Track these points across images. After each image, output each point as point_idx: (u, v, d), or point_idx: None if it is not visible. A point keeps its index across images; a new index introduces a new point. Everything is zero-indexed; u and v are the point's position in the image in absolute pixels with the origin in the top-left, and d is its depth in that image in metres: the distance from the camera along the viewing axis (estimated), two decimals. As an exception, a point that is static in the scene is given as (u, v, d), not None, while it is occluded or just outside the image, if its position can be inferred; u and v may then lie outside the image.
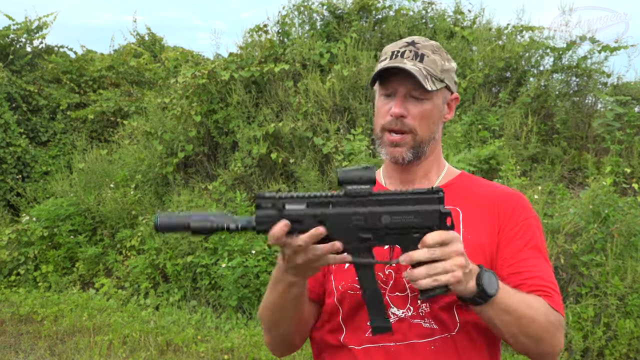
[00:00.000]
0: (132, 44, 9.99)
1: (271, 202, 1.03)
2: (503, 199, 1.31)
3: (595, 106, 5.66)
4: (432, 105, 1.28)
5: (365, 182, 1.02)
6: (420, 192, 1.04)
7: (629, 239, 3.75)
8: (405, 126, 1.27)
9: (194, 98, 6.05)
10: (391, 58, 1.27)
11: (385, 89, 1.29)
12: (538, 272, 1.23)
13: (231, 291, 4.62)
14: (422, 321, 1.22)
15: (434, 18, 6.53)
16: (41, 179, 7.62)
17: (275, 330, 1.30)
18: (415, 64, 1.24)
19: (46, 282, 5.76)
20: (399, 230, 1.04)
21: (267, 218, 1.03)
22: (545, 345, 1.15)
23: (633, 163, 4.77)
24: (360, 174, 1.02)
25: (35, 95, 8.21)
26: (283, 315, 1.24)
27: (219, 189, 5.61)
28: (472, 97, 5.48)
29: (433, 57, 1.27)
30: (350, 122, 5.62)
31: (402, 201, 1.04)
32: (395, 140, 1.28)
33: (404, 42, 1.30)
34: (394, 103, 1.27)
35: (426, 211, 1.03)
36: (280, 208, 1.03)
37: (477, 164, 4.43)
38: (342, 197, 1.03)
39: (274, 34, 6.60)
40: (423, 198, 1.03)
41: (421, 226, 1.04)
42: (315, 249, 1.03)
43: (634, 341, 3.44)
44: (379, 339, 1.22)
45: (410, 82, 1.25)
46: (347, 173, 1.02)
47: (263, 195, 1.04)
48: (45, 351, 4.42)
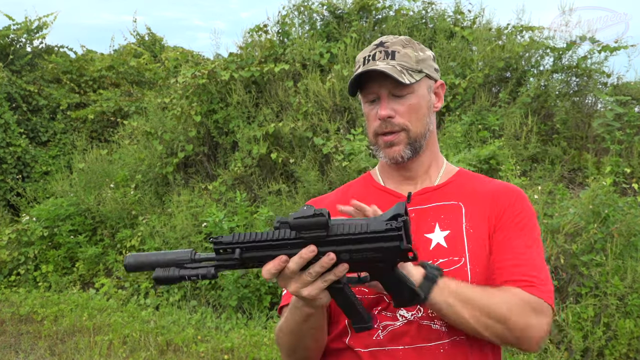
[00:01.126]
0: (132, 44, 10.00)
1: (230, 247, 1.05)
2: (502, 192, 1.32)
3: (595, 106, 5.66)
4: (416, 98, 1.27)
5: (318, 228, 1.01)
6: (379, 231, 1.02)
7: (629, 239, 3.75)
8: (395, 126, 1.27)
9: (194, 98, 6.05)
10: (364, 64, 1.28)
11: (367, 96, 1.30)
12: (524, 261, 1.21)
13: (231, 291, 4.63)
14: (432, 323, 1.21)
15: (434, 18, 6.53)
16: (41, 179, 7.63)
17: (293, 356, 1.29)
18: (387, 63, 1.24)
19: (46, 282, 5.76)
20: (361, 263, 1.04)
21: (227, 264, 1.05)
22: (516, 328, 1.14)
23: (633, 163, 4.77)
24: (312, 221, 1.00)
25: (35, 95, 8.21)
26: (301, 342, 1.23)
27: (219, 189, 5.61)
28: (472, 97, 5.48)
29: (404, 51, 1.27)
30: (350, 122, 5.62)
31: (360, 240, 1.02)
32: (389, 140, 1.28)
33: (373, 45, 1.30)
34: (379, 106, 1.27)
35: (385, 248, 1.02)
36: (239, 254, 1.04)
37: (477, 164, 4.43)
38: (299, 239, 1.03)
39: (274, 34, 6.60)
40: (381, 236, 1.02)
41: (383, 260, 1.04)
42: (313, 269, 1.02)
43: (634, 341, 3.44)
44: (386, 343, 1.21)
45: (388, 82, 1.24)
46: (298, 222, 1.01)
47: (221, 241, 1.05)
48: (45, 351, 4.42)
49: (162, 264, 1.07)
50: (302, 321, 1.16)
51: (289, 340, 1.24)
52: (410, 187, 1.35)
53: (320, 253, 1.02)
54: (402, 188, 1.35)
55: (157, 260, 1.07)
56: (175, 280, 1.06)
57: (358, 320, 1.11)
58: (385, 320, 1.23)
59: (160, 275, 1.06)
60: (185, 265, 1.06)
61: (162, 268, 1.07)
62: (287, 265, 1.02)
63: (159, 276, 1.06)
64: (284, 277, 1.04)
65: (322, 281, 1.03)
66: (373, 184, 1.41)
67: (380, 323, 1.23)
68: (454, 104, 5.43)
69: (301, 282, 1.03)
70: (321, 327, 1.20)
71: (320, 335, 1.22)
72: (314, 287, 1.03)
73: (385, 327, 1.23)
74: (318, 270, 1.02)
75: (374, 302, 1.24)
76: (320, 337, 1.23)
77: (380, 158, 1.33)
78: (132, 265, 1.08)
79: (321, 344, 1.26)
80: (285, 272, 1.03)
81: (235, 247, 1.04)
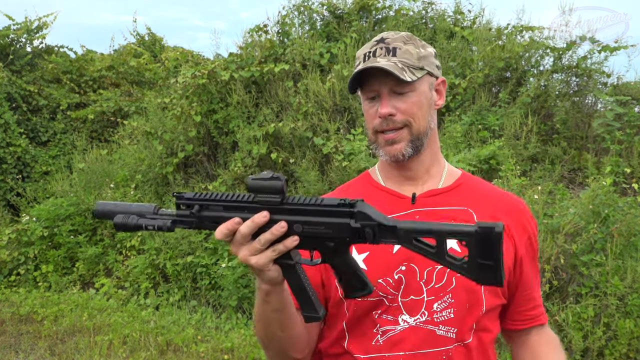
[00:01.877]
0: (132, 44, 10.00)
1: (190, 203, 1.08)
2: (522, 212, 1.34)
3: (595, 106, 5.66)
4: (418, 95, 1.24)
5: (273, 192, 1.02)
6: (332, 205, 1.03)
7: (629, 239, 3.75)
8: (397, 123, 1.23)
9: (194, 98, 6.05)
10: (364, 60, 1.24)
11: (367, 93, 1.26)
12: (538, 295, 1.38)
13: (231, 291, 4.62)
14: (437, 328, 1.18)
15: (434, 18, 6.53)
16: (41, 179, 7.62)
17: (269, 347, 1.23)
18: (389, 60, 1.21)
19: (46, 282, 5.76)
20: (312, 239, 1.04)
21: (184, 220, 1.08)
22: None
23: (633, 163, 4.77)
24: (268, 184, 1.02)
25: (35, 95, 8.21)
26: (269, 330, 1.18)
27: (219, 189, 5.61)
28: (472, 97, 5.48)
29: (406, 47, 1.24)
30: (350, 122, 5.62)
31: (313, 212, 1.03)
32: (391, 137, 1.25)
33: (374, 42, 1.27)
34: (380, 104, 1.24)
35: (336, 224, 1.03)
36: (197, 211, 1.06)
37: (477, 164, 4.42)
38: (255, 203, 1.04)
39: (274, 34, 6.60)
40: (333, 211, 1.02)
41: (333, 237, 1.04)
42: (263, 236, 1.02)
43: (634, 341, 3.44)
44: (386, 348, 1.18)
45: (389, 79, 1.21)
46: (255, 182, 1.03)
47: (182, 196, 1.08)
48: (45, 351, 4.42)
49: (125, 212, 1.11)
50: (262, 302, 1.13)
51: (260, 328, 1.21)
52: (412, 188, 1.31)
53: (273, 221, 1.02)
54: (403, 188, 1.32)
55: (122, 209, 1.11)
56: (133, 228, 1.09)
57: (308, 308, 1.10)
58: (385, 325, 1.20)
59: (119, 221, 1.09)
60: (146, 216, 1.10)
61: (123, 215, 1.10)
62: (239, 229, 1.02)
63: (118, 222, 1.09)
64: (235, 242, 1.03)
65: (272, 250, 1.02)
66: (373, 183, 1.37)
67: (380, 327, 1.20)
68: (454, 104, 5.43)
69: (251, 249, 1.02)
70: (284, 312, 1.14)
71: (288, 322, 1.16)
72: (263, 255, 1.02)
73: (385, 332, 1.20)
74: (268, 237, 1.01)
75: (373, 305, 1.21)
76: (288, 325, 1.17)
77: (380, 156, 1.30)
78: (99, 211, 1.12)
79: (293, 335, 1.19)
80: (236, 237, 1.03)
81: (195, 204, 1.07)
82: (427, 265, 1.21)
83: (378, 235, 1.02)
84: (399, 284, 1.21)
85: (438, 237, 1.00)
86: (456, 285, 1.20)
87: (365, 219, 1.02)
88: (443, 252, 1.00)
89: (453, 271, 1.02)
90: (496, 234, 0.95)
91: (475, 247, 0.97)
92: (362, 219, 1.02)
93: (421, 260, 1.21)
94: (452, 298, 1.20)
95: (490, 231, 0.95)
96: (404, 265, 1.21)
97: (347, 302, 1.23)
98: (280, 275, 1.07)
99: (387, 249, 1.23)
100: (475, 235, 0.96)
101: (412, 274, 1.21)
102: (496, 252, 0.96)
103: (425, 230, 1.00)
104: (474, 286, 1.20)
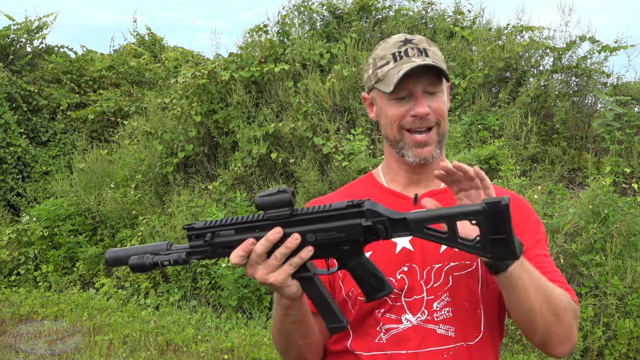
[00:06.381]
0: (132, 44, 10.00)
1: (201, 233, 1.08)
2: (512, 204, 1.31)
3: (595, 106, 5.67)
4: (444, 96, 1.26)
5: (282, 206, 1.03)
6: (340, 208, 1.03)
7: (629, 239, 3.76)
8: (430, 122, 1.24)
9: (194, 98, 6.05)
10: (395, 60, 1.23)
11: (398, 92, 1.23)
12: (552, 269, 1.23)
13: (231, 291, 4.63)
14: (437, 327, 1.19)
15: (433, 18, 6.53)
16: (41, 179, 7.62)
17: (288, 355, 1.26)
18: (424, 60, 1.21)
19: (46, 282, 5.76)
20: (326, 246, 1.05)
21: (198, 250, 1.08)
22: (564, 326, 1.14)
23: (633, 163, 4.78)
24: (275, 198, 1.02)
25: (35, 95, 8.21)
26: (289, 340, 1.20)
27: (219, 189, 5.61)
28: (472, 97, 5.48)
29: (433, 49, 1.26)
30: (350, 122, 5.62)
31: (323, 219, 1.03)
32: (423, 140, 1.24)
33: (399, 42, 1.25)
34: (416, 103, 1.22)
35: (348, 226, 1.03)
36: (210, 238, 1.06)
37: (477, 164, 4.43)
38: (266, 220, 1.05)
39: (274, 34, 6.60)
40: (343, 213, 1.03)
41: (346, 240, 1.04)
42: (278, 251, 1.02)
43: (634, 341, 3.44)
44: (389, 346, 1.19)
45: (424, 79, 1.21)
46: (263, 199, 1.03)
47: (192, 227, 1.08)
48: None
49: (139, 253, 1.10)
50: (283, 315, 1.14)
51: (279, 339, 1.23)
52: (415, 189, 1.32)
53: (285, 235, 1.03)
54: (407, 190, 1.32)
55: (134, 252, 1.10)
56: (148, 267, 1.08)
57: (331, 319, 1.09)
58: (388, 323, 1.21)
59: (135, 262, 1.08)
60: (160, 253, 1.09)
61: (137, 256, 1.09)
62: (254, 249, 1.02)
63: (134, 264, 1.08)
64: (252, 263, 1.04)
65: (289, 265, 1.02)
66: (376, 185, 1.37)
67: (384, 326, 1.21)
68: (454, 104, 5.44)
69: (268, 267, 1.03)
70: (304, 322, 1.16)
71: (307, 331, 1.19)
72: (281, 272, 1.02)
73: (388, 330, 1.20)
74: (283, 251, 1.01)
75: (376, 304, 1.21)
76: (308, 334, 1.19)
77: (405, 157, 1.27)
78: (111, 259, 1.11)
79: (312, 341, 1.22)
80: (252, 257, 1.03)
81: (207, 232, 1.07)
82: (426, 265, 1.22)
83: (390, 230, 1.03)
84: (402, 284, 1.22)
85: (448, 221, 1.01)
86: (453, 284, 1.21)
87: (375, 215, 1.03)
88: (455, 235, 1.01)
89: (467, 253, 1.03)
90: (503, 207, 0.97)
91: (485, 224, 0.98)
92: (372, 216, 1.03)
93: (421, 260, 1.22)
94: (450, 297, 1.20)
95: (497, 205, 0.97)
96: (405, 266, 1.22)
97: (352, 301, 1.24)
98: (300, 290, 1.08)
99: (389, 250, 1.24)
100: (484, 212, 0.98)
101: (413, 274, 1.22)
102: (506, 225, 0.98)
103: (435, 217, 1.02)
104: (471, 285, 1.21)
